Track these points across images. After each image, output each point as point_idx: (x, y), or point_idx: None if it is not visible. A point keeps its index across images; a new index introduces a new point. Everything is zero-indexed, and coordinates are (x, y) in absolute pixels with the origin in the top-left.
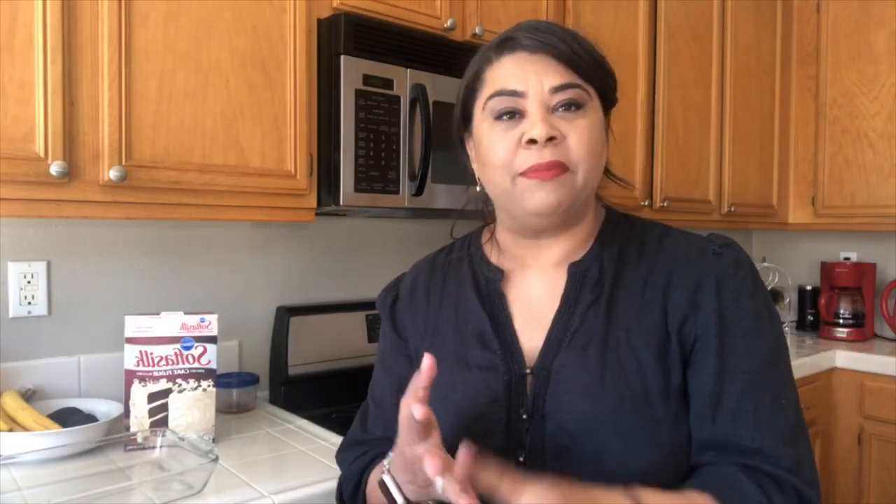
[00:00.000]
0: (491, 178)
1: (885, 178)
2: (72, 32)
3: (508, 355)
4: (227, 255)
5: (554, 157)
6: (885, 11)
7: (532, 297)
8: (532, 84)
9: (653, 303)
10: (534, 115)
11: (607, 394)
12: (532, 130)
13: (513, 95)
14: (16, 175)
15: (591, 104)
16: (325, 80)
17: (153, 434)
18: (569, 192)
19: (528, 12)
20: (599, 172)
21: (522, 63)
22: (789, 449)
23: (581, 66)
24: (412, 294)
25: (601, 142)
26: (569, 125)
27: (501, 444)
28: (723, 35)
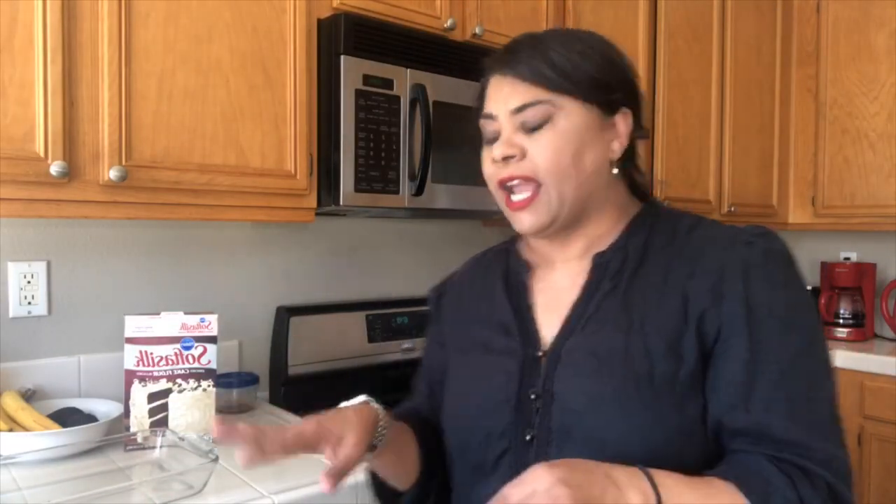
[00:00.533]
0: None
1: (885, 178)
2: (72, 32)
3: (526, 340)
4: (227, 255)
5: (511, 173)
6: (885, 11)
7: (555, 288)
8: (499, 107)
9: (673, 291)
10: (502, 135)
11: (612, 374)
12: (495, 150)
13: (489, 118)
14: (16, 175)
15: (561, 114)
16: (325, 80)
17: (153, 434)
18: (545, 209)
19: (527, 12)
20: (583, 174)
21: (495, 87)
22: (824, 443)
23: (547, 81)
24: (457, 288)
25: (575, 147)
26: (530, 140)
27: (511, 421)
28: (723, 35)
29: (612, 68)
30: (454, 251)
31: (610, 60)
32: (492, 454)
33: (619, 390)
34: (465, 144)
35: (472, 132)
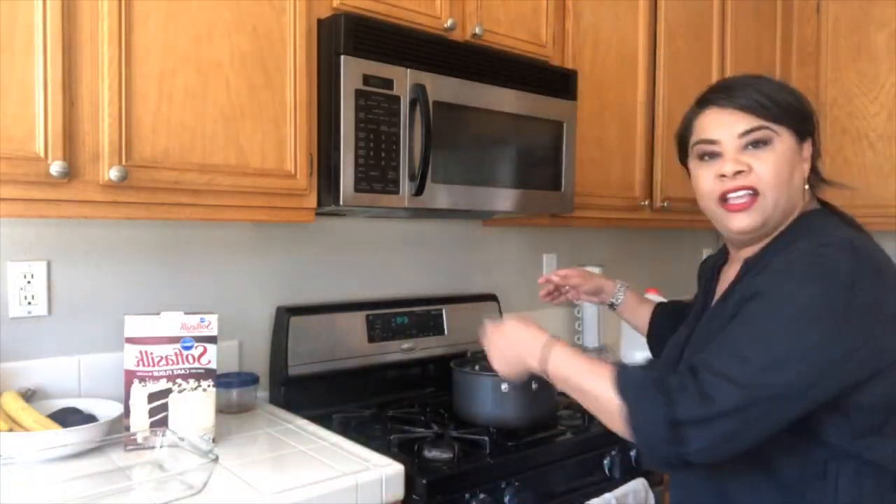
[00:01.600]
0: (701, 202)
1: (885, 178)
2: (72, 32)
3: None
4: (227, 255)
5: (741, 184)
6: (885, 11)
7: (727, 281)
8: (724, 133)
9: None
10: (727, 155)
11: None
12: (724, 167)
13: (709, 143)
14: (16, 175)
15: (777, 139)
16: (325, 80)
17: (153, 434)
18: (760, 214)
19: (528, 12)
20: (792, 190)
21: (715, 117)
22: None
23: (764, 112)
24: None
25: (789, 167)
26: (756, 159)
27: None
28: (723, 35)
29: (807, 104)
30: (454, 251)
31: (802, 97)
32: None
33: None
34: (465, 144)
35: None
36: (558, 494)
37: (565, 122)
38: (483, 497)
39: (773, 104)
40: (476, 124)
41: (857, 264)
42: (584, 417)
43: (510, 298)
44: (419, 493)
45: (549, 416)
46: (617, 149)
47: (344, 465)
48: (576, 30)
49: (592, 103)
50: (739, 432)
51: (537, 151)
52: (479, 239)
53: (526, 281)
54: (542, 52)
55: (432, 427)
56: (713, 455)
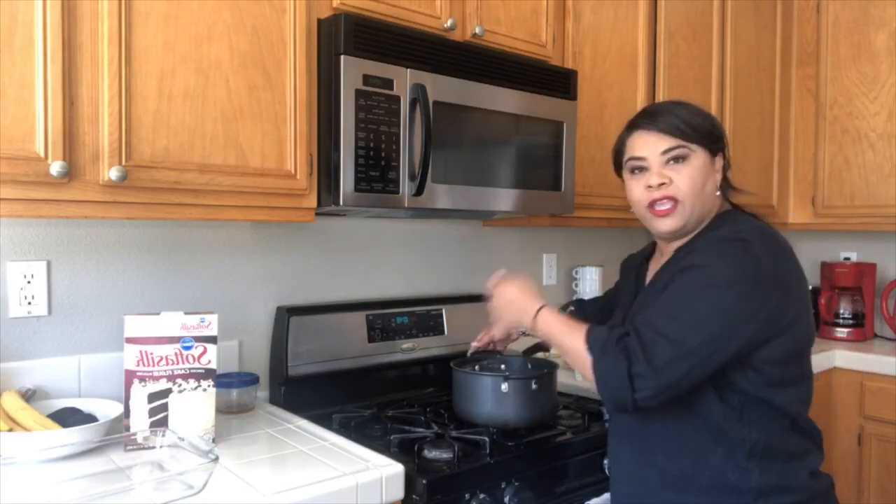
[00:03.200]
0: (633, 208)
1: (885, 178)
2: (72, 32)
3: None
4: (227, 255)
5: (664, 194)
6: (885, 11)
7: (654, 270)
8: (650, 151)
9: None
10: (652, 169)
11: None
12: (650, 180)
13: (638, 160)
14: (16, 175)
15: (693, 156)
16: (325, 80)
17: (153, 434)
18: (680, 219)
19: (527, 12)
20: (705, 197)
21: (643, 137)
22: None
23: (682, 134)
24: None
25: (702, 178)
26: (675, 172)
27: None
28: (723, 35)
29: (718, 126)
30: (454, 251)
31: (714, 120)
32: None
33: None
34: (465, 144)
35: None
36: (558, 494)
37: (565, 122)
38: (483, 497)
39: (688, 127)
40: (476, 124)
41: (762, 243)
42: (584, 417)
43: None
44: (419, 493)
45: (549, 416)
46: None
47: (344, 466)
48: (576, 30)
49: (592, 103)
50: (677, 381)
51: (537, 151)
52: (479, 239)
53: None
54: (542, 52)
55: (432, 427)
56: (658, 401)
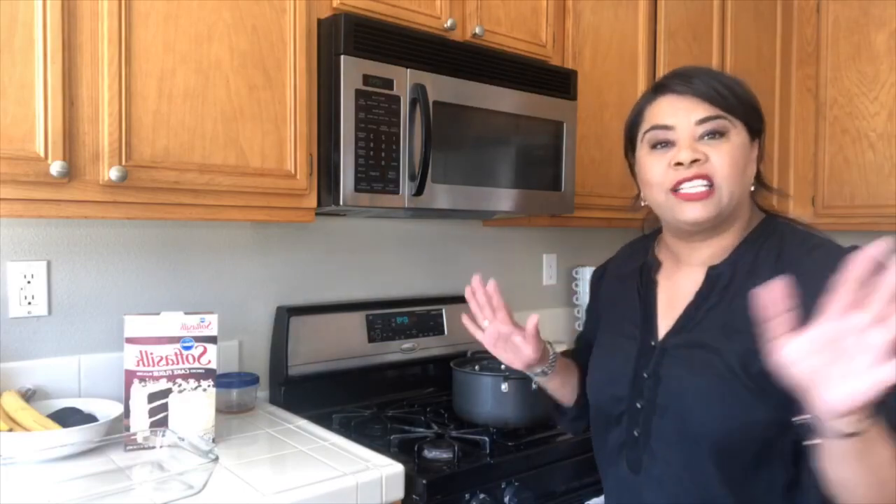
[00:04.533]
0: (650, 194)
1: (885, 178)
2: (72, 32)
3: (646, 331)
4: (227, 255)
5: (697, 171)
6: (885, 11)
7: (677, 289)
8: (680, 119)
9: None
10: (682, 142)
11: (710, 371)
12: (679, 155)
13: (664, 129)
14: (16, 175)
15: (733, 131)
16: (325, 80)
17: (153, 434)
18: (715, 206)
19: (527, 12)
20: (744, 186)
21: (672, 102)
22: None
23: (723, 102)
24: (609, 275)
25: (743, 161)
26: (712, 149)
27: (626, 393)
28: (723, 35)
29: (759, 104)
30: (454, 251)
31: (755, 97)
32: (615, 412)
33: (707, 384)
34: (465, 145)
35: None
36: (558, 494)
37: (565, 122)
38: (483, 497)
39: (732, 95)
40: (476, 124)
41: None
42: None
43: (510, 299)
44: (419, 493)
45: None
46: (617, 149)
47: (344, 465)
48: (576, 30)
49: (592, 103)
50: None
51: (537, 151)
52: (479, 239)
53: (526, 281)
54: (541, 52)
55: (432, 427)
56: None
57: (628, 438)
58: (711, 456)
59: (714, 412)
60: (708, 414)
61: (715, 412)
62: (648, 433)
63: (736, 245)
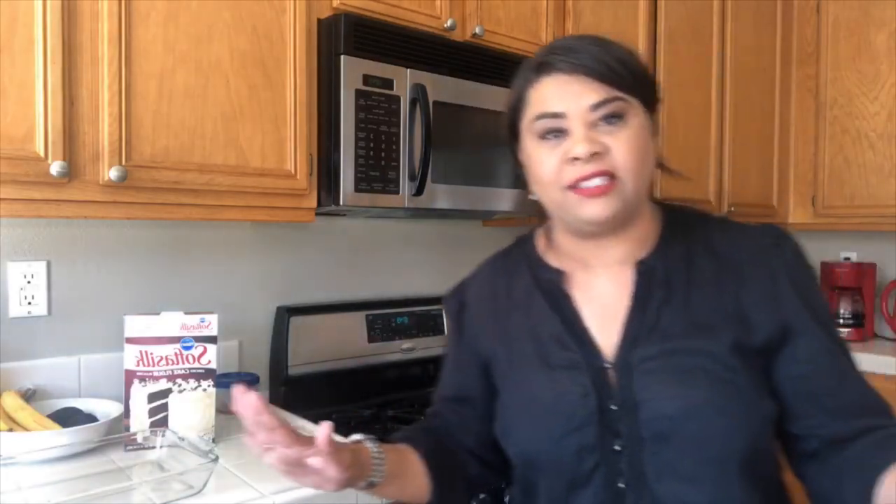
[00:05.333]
0: (543, 192)
1: (885, 178)
2: (72, 32)
3: (587, 352)
4: (227, 255)
5: (598, 168)
6: (885, 11)
7: (601, 296)
8: (571, 104)
9: (727, 296)
10: (577, 133)
11: (700, 381)
12: (575, 148)
13: (554, 117)
14: (16, 175)
15: (631, 112)
16: (325, 80)
17: (153, 434)
18: (619, 201)
19: (527, 12)
20: (648, 172)
21: (560, 85)
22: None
23: (617, 79)
24: (479, 300)
25: (646, 147)
26: (612, 138)
27: (597, 434)
28: (723, 35)
29: (651, 73)
30: (454, 251)
31: (647, 66)
32: (586, 467)
33: (712, 392)
34: (465, 145)
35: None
36: None
37: None
38: (483, 497)
39: (625, 70)
40: (476, 124)
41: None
42: None
43: None
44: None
45: None
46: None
47: None
48: (576, 30)
49: None
50: None
51: None
52: (479, 239)
53: None
54: None
55: None
56: None
57: (609, 496)
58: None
59: (735, 422)
60: (729, 426)
61: (736, 421)
62: (642, 478)
63: (655, 236)
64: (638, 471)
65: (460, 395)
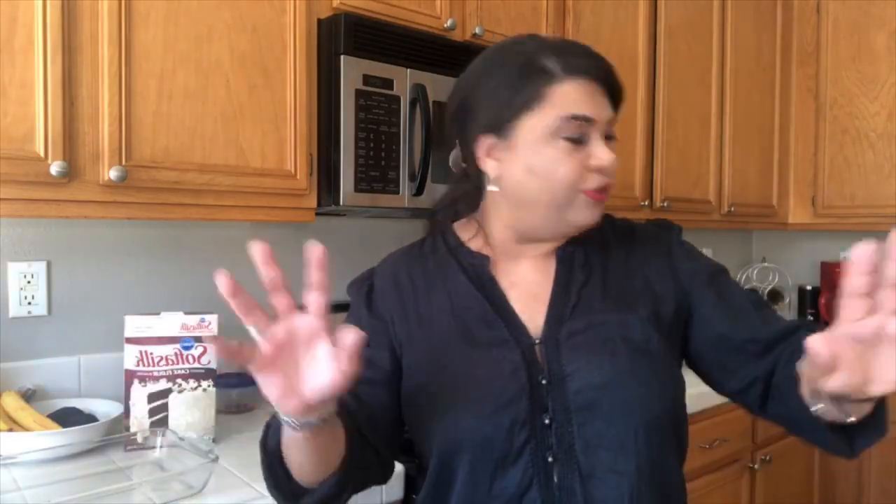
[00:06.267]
0: (544, 189)
1: (885, 178)
2: (72, 32)
3: (514, 330)
4: (227, 255)
5: (609, 181)
6: (885, 11)
7: (526, 282)
8: (600, 113)
9: (637, 276)
10: (600, 142)
11: (618, 349)
12: (606, 158)
13: (586, 121)
14: (16, 175)
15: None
16: (325, 80)
17: (153, 434)
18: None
19: (527, 12)
20: None
21: (590, 90)
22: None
23: (621, 99)
24: (395, 283)
25: None
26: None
27: (527, 409)
28: (723, 35)
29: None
30: None
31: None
32: (517, 444)
33: (634, 361)
34: None
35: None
36: None
37: None
38: None
39: (621, 91)
40: None
41: None
42: None
43: None
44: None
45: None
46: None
47: None
48: (576, 30)
49: None
50: None
51: None
52: None
53: None
54: None
55: None
56: None
57: (537, 470)
58: (665, 438)
59: (657, 389)
60: (652, 393)
61: (658, 388)
62: (571, 450)
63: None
64: (567, 443)
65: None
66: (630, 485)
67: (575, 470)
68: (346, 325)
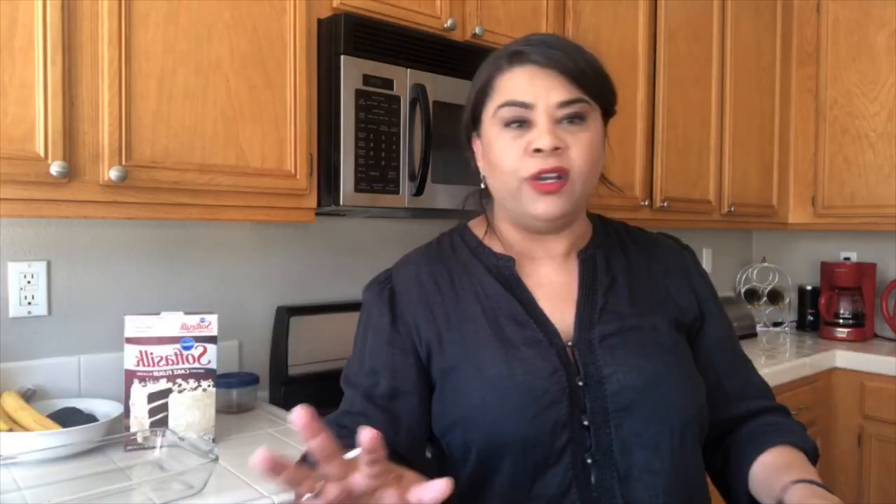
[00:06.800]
0: (499, 180)
1: (885, 178)
2: (72, 32)
3: (548, 331)
4: (227, 255)
5: (557, 164)
6: (885, 11)
7: (551, 283)
8: (540, 97)
9: (658, 283)
10: (541, 125)
11: (656, 353)
12: (539, 140)
13: (522, 107)
14: (16, 175)
15: (592, 116)
16: (325, 80)
17: (153, 434)
18: (568, 200)
19: (527, 12)
20: (595, 179)
21: (532, 76)
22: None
23: (586, 82)
24: (418, 284)
25: (600, 152)
26: (572, 137)
27: (567, 411)
28: (723, 35)
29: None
30: None
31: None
32: (558, 445)
33: (667, 364)
34: None
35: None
36: None
37: None
38: None
39: (594, 74)
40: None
41: None
42: None
43: None
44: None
45: None
46: (617, 149)
47: None
48: (576, 30)
49: None
50: None
51: None
52: None
53: None
54: None
55: None
56: None
57: (578, 472)
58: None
59: (688, 390)
60: (684, 394)
61: (689, 389)
62: (609, 451)
63: (590, 233)
64: (605, 444)
65: (394, 389)
66: (665, 483)
67: (613, 470)
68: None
